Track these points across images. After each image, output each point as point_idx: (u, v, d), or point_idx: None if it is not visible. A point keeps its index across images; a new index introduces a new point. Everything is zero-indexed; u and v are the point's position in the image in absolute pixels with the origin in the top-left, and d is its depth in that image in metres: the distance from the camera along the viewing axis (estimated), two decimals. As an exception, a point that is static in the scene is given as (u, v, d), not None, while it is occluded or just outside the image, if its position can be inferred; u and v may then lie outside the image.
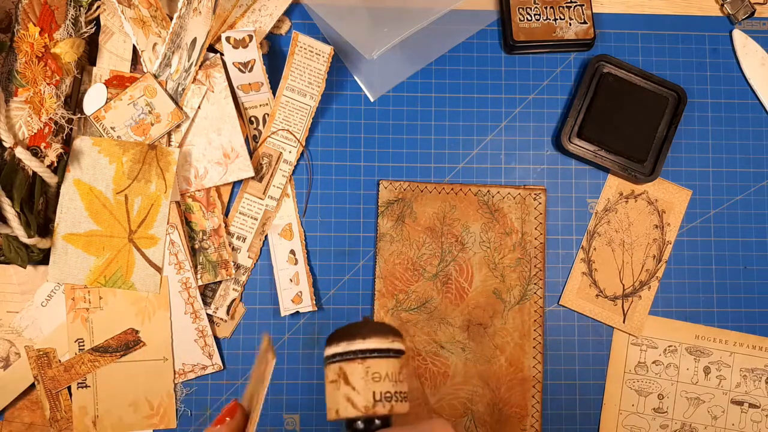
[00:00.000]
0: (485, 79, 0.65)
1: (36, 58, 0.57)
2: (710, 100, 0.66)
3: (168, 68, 0.60)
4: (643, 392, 0.63)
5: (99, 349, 0.59)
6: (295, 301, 0.61)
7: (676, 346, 0.63)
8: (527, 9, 0.65)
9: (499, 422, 0.61)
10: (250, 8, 0.62)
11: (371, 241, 0.63)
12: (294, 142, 0.62)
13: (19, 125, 0.57)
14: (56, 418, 0.58)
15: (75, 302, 0.59)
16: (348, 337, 0.29)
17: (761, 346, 0.63)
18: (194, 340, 0.60)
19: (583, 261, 0.64)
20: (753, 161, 0.66)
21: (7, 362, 0.59)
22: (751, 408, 0.63)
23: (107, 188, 0.59)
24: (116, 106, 0.59)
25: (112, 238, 0.59)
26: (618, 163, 0.63)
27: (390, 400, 0.29)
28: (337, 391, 0.29)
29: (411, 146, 0.64)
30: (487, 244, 0.62)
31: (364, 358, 0.29)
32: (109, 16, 0.61)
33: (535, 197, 0.63)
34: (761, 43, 0.66)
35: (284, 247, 0.62)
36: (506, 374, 0.61)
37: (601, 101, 0.63)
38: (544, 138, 0.65)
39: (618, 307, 0.63)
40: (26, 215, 0.55)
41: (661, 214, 0.64)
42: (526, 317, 0.62)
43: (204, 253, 0.60)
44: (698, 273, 0.64)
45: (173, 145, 0.60)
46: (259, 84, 0.61)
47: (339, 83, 0.64)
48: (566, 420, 0.62)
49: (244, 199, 0.62)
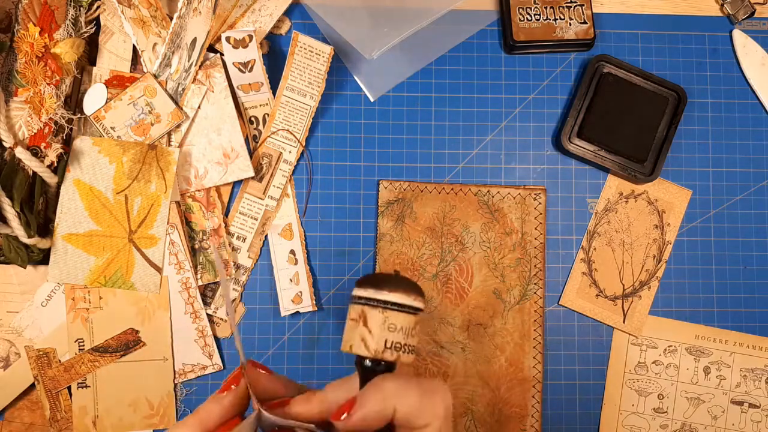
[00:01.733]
0: (485, 79, 0.65)
1: (36, 58, 0.57)
2: (710, 100, 0.66)
3: (168, 68, 0.60)
4: (643, 392, 0.63)
5: (99, 349, 0.59)
6: (295, 301, 0.61)
7: (676, 346, 0.63)
8: (527, 9, 0.65)
9: (499, 422, 0.61)
10: (250, 8, 0.62)
11: (371, 241, 0.63)
12: (294, 142, 0.62)
13: (19, 125, 0.57)
14: (56, 418, 0.58)
15: (75, 302, 0.59)
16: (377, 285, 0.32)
17: (761, 346, 0.63)
18: (194, 340, 0.60)
19: (583, 261, 0.64)
20: (753, 161, 0.66)
21: (7, 362, 0.59)
22: (751, 408, 0.63)
23: (107, 188, 0.59)
24: (116, 106, 0.59)
25: (112, 238, 0.59)
26: (618, 163, 0.63)
27: (398, 350, 0.32)
28: (355, 330, 0.32)
29: (411, 146, 0.64)
30: (487, 244, 0.62)
31: (385, 308, 0.32)
32: (109, 16, 0.61)
33: (535, 197, 0.63)
34: (761, 43, 0.66)
35: (284, 247, 0.62)
36: (506, 374, 0.61)
37: (601, 101, 0.63)
38: (544, 138, 0.65)
39: (618, 307, 0.63)
40: (26, 215, 0.55)
41: (661, 214, 0.64)
42: (526, 317, 0.62)
43: (204, 253, 0.60)
44: (698, 273, 0.64)
45: (173, 145, 0.60)
46: (259, 84, 0.61)
47: (339, 83, 0.64)
48: (566, 420, 0.62)
49: (244, 199, 0.62)
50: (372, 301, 0.32)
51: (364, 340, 0.32)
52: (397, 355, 0.32)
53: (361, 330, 0.32)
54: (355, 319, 0.33)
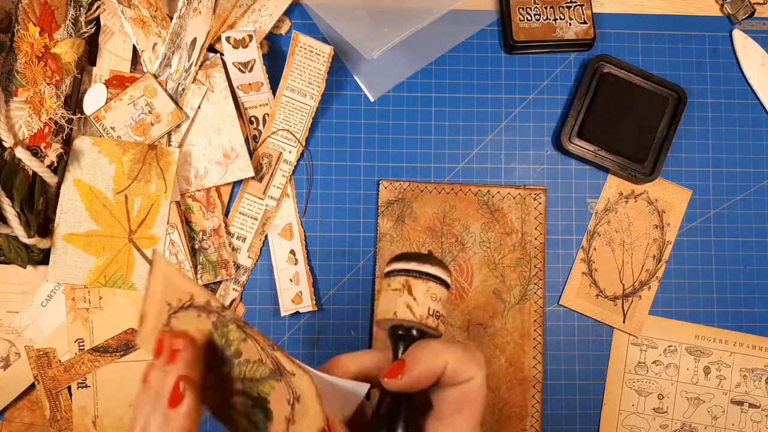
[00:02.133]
0: (485, 79, 0.65)
1: (36, 58, 0.57)
2: (710, 100, 0.66)
3: (168, 68, 0.60)
4: (643, 392, 0.63)
5: (99, 349, 0.59)
6: (295, 301, 0.61)
7: (676, 346, 0.63)
8: (527, 9, 0.65)
9: (499, 422, 0.61)
10: (250, 8, 0.62)
11: (371, 241, 0.63)
12: (294, 142, 0.62)
13: (19, 125, 0.57)
14: (56, 418, 0.58)
15: (75, 302, 0.59)
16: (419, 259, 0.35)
17: (761, 346, 0.63)
18: (194, 340, 0.60)
19: (583, 261, 0.64)
20: (753, 161, 0.66)
21: (7, 362, 0.59)
22: (751, 408, 0.63)
23: (107, 188, 0.59)
24: (116, 106, 0.59)
25: (112, 238, 0.59)
26: (618, 163, 0.63)
27: (438, 317, 0.35)
28: (399, 298, 0.34)
29: (411, 146, 0.64)
30: (487, 244, 0.62)
31: (428, 279, 0.34)
32: (109, 16, 0.61)
33: (535, 197, 0.63)
34: (761, 43, 0.66)
35: (284, 247, 0.62)
36: (506, 374, 0.61)
37: (601, 101, 0.63)
38: (544, 138, 0.65)
39: (618, 307, 0.63)
40: (26, 215, 0.55)
41: (661, 214, 0.64)
42: (526, 317, 0.62)
43: (204, 253, 0.60)
44: (698, 273, 0.64)
45: (173, 145, 0.60)
46: (259, 84, 0.61)
47: (339, 83, 0.64)
48: (566, 420, 0.62)
49: (244, 199, 0.62)
50: (414, 273, 0.35)
51: (409, 307, 0.34)
52: (437, 323, 0.34)
53: (406, 298, 0.34)
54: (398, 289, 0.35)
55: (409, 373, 0.32)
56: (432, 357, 0.33)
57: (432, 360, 0.32)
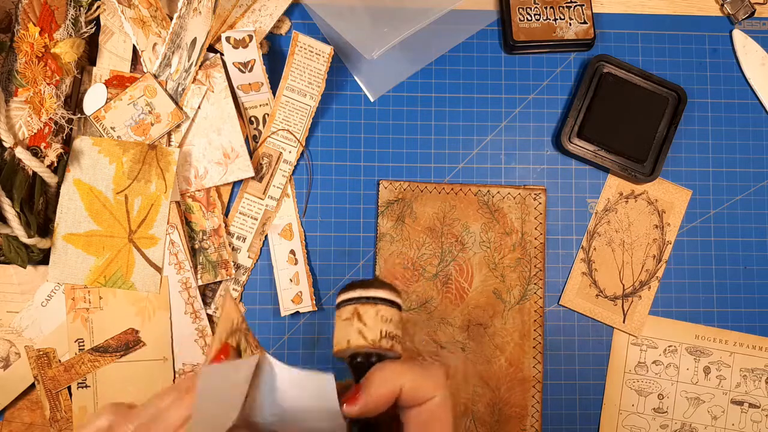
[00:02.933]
0: (485, 79, 0.65)
1: (36, 58, 0.57)
2: (710, 100, 0.66)
3: (168, 68, 0.60)
4: (643, 392, 0.63)
5: (99, 349, 0.59)
6: (295, 301, 0.61)
7: (676, 346, 0.63)
8: (527, 9, 0.65)
9: (499, 422, 0.61)
10: (250, 8, 0.62)
11: (371, 241, 0.63)
12: (294, 142, 0.62)
13: (19, 125, 0.57)
14: (56, 418, 0.58)
15: (75, 302, 0.59)
16: (364, 286, 0.35)
17: (761, 346, 0.63)
18: (194, 340, 0.60)
19: (583, 261, 0.64)
20: (753, 161, 0.66)
21: (7, 362, 0.59)
22: (751, 408, 0.63)
23: (107, 188, 0.59)
24: (116, 106, 0.59)
25: (112, 238, 0.59)
26: (618, 163, 0.63)
27: (393, 338, 0.35)
28: (350, 327, 0.34)
29: (411, 146, 0.64)
30: (487, 244, 0.62)
31: (376, 303, 0.35)
32: (109, 16, 0.61)
33: (535, 197, 0.63)
34: (761, 43, 0.66)
35: (284, 247, 0.62)
36: (506, 374, 0.61)
37: (601, 101, 0.63)
38: (544, 138, 0.65)
39: (618, 307, 0.63)
40: (26, 215, 0.55)
41: (661, 214, 0.64)
42: (526, 317, 0.62)
43: (204, 253, 0.60)
44: (698, 273, 0.64)
45: (173, 145, 0.60)
46: (259, 84, 0.61)
47: (339, 83, 0.64)
48: (566, 420, 0.62)
49: (244, 199, 0.62)
50: (362, 299, 0.35)
51: (361, 333, 0.34)
52: (392, 344, 0.34)
53: (357, 325, 0.34)
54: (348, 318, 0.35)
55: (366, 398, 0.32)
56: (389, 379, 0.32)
57: (389, 382, 0.32)
